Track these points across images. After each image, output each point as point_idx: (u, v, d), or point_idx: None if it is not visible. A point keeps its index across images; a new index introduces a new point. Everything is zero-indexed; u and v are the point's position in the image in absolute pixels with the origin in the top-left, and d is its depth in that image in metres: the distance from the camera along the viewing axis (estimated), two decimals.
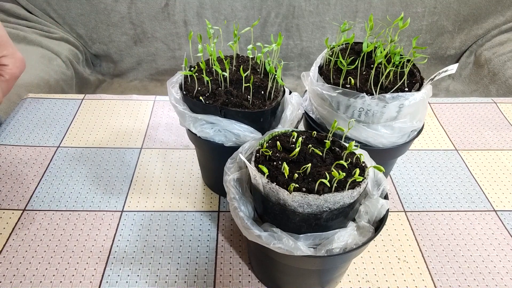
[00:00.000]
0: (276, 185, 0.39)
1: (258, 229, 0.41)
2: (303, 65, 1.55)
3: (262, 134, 0.52)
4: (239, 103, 0.49)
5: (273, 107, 0.51)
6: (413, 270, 0.53)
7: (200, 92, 0.51)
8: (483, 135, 0.76)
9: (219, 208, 0.61)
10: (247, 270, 0.53)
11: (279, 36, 0.51)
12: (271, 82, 0.51)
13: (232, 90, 0.51)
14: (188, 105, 0.52)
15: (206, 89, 0.51)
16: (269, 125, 0.53)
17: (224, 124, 0.50)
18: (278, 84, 0.53)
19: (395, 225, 0.59)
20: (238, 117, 0.50)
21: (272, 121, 0.53)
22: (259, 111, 0.50)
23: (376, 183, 0.46)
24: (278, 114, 0.54)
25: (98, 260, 0.53)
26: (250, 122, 0.50)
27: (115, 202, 0.61)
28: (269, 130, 0.52)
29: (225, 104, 0.49)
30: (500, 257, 0.55)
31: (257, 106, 0.50)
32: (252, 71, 0.55)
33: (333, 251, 0.40)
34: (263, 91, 0.52)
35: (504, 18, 1.46)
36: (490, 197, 0.64)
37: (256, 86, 0.52)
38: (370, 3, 1.43)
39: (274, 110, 0.52)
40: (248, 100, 0.50)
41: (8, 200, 0.61)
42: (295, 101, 0.56)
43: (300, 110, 0.56)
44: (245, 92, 0.51)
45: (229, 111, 0.49)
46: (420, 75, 0.54)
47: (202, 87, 0.51)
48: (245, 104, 0.49)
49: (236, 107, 0.49)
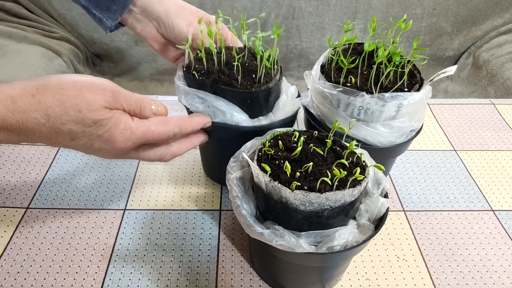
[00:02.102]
0: (278, 183, 0.39)
1: (261, 226, 0.42)
2: (303, 66, 1.56)
3: (250, 116, 0.53)
4: (228, 82, 0.51)
5: (261, 90, 0.51)
6: (412, 268, 0.54)
7: (197, 69, 0.53)
8: (481, 135, 0.77)
9: (220, 206, 0.62)
10: (248, 267, 0.53)
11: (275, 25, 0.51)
12: (261, 66, 0.52)
13: (225, 70, 0.52)
14: (186, 81, 0.54)
15: (203, 68, 0.53)
16: (260, 109, 0.54)
17: (212, 100, 0.51)
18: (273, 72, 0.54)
19: (395, 224, 0.60)
20: (226, 95, 0.51)
21: (263, 106, 0.54)
22: (246, 91, 0.51)
23: (376, 182, 0.46)
24: (270, 101, 0.55)
25: (101, 257, 0.54)
26: (238, 102, 0.52)
27: (118, 200, 0.62)
28: (259, 115, 0.54)
29: (215, 81, 0.51)
30: (498, 256, 0.56)
31: (245, 87, 0.51)
32: (251, 58, 0.56)
33: (334, 248, 0.41)
34: (254, 75, 0.53)
35: (502, 20, 1.47)
36: (488, 197, 0.64)
37: (249, 70, 0.53)
38: (370, 5, 1.43)
39: (265, 96, 0.53)
40: (238, 80, 0.51)
41: (11, 198, 0.61)
42: (290, 93, 0.57)
43: (297, 103, 0.57)
44: (236, 73, 0.52)
45: (218, 88, 0.51)
46: (420, 76, 0.54)
47: (200, 66, 0.53)
48: (234, 84, 0.51)
49: (225, 85, 0.51)
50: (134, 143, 0.44)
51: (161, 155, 0.48)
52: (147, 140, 0.45)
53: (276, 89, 0.54)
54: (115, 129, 0.42)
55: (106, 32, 0.60)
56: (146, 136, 0.44)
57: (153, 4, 0.57)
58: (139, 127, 0.43)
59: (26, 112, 0.38)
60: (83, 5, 0.57)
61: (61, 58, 1.32)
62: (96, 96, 0.40)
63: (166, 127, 0.46)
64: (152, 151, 0.48)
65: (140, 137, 0.44)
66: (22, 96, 0.38)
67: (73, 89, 0.40)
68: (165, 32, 0.59)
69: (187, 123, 0.49)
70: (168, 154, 0.49)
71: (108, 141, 0.42)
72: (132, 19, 0.59)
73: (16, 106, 0.37)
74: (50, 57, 1.29)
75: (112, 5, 0.57)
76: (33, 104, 0.38)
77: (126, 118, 0.43)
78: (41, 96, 0.38)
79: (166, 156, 0.49)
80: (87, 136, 0.41)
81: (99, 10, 0.57)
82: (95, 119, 0.40)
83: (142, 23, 0.60)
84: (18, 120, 0.38)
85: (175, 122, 0.47)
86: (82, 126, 0.40)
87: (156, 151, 0.48)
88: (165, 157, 0.49)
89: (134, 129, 0.43)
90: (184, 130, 0.48)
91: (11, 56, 1.24)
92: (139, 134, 0.44)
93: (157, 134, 0.45)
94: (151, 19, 0.59)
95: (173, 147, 0.49)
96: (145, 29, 0.60)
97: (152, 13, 0.58)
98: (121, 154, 0.45)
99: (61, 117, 0.39)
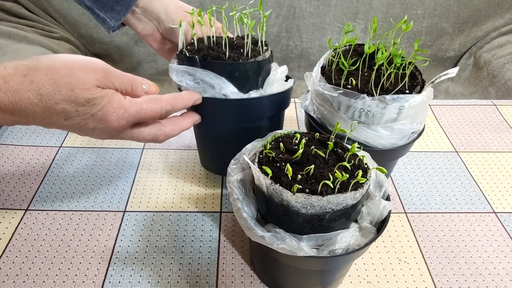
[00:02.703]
0: (280, 186, 0.39)
1: (262, 229, 0.41)
2: (303, 66, 1.56)
3: (241, 91, 0.53)
4: (216, 56, 0.52)
5: (248, 63, 0.52)
6: (414, 271, 0.53)
7: (188, 49, 0.54)
8: (483, 137, 0.77)
9: (221, 208, 0.61)
10: (249, 270, 0.53)
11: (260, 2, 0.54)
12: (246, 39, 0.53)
13: (214, 47, 0.54)
14: (179, 62, 0.55)
15: (194, 48, 0.54)
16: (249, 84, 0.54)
17: (201, 74, 0.52)
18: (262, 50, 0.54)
19: (396, 226, 0.60)
20: (214, 68, 0.52)
21: (252, 81, 0.54)
22: (233, 63, 0.51)
23: (378, 185, 0.46)
24: (260, 77, 0.55)
25: (101, 260, 0.53)
26: (226, 75, 0.52)
27: (118, 202, 0.62)
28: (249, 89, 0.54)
29: (204, 57, 0.52)
30: (500, 259, 0.55)
31: (232, 59, 0.52)
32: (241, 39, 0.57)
33: (336, 252, 0.41)
34: (242, 50, 0.54)
35: (503, 21, 1.47)
36: (490, 199, 0.64)
37: (238, 47, 0.54)
38: (370, 5, 1.43)
39: (254, 69, 0.53)
40: (225, 54, 0.52)
41: (10, 200, 0.61)
42: (280, 70, 0.58)
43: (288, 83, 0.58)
44: (225, 48, 0.53)
45: (207, 63, 0.52)
46: (421, 78, 0.54)
47: (191, 46, 0.55)
48: (222, 57, 0.52)
49: (213, 59, 0.52)
50: (128, 122, 0.44)
51: (155, 135, 0.48)
52: (140, 119, 0.45)
53: (264, 64, 0.55)
54: (109, 108, 0.42)
55: (109, 32, 0.60)
56: (139, 114, 0.44)
57: (153, 4, 0.58)
58: (132, 105, 0.44)
59: (19, 92, 0.38)
60: (87, 5, 0.58)
61: None
62: (88, 75, 0.40)
63: (158, 105, 0.46)
64: (146, 130, 0.48)
65: (134, 115, 0.44)
66: (14, 76, 0.38)
67: (64, 68, 0.40)
68: (164, 32, 0.60)
69: (178, 100, 0.49)
70: (161, 134, 0.49)
71: (102, 120, 0.42)
72: (134, 19, 0.60)
73: (8, 86, 0.37)
74: None
75: (116, 5, 0.57)
76: (25, 83, 0.38)
77: (119, 96, 0.43)
78: (33, 76, 0.38)
79: (160, 136, 0.49)
80: (81, 115, 0.41)
81: (103, 10, 0.58)
82: (88, 98, 0.40)
83: (143, 22, 0.60)
84: (11, 100, 0.37)
85: (167, 100, 0.47)
86: (76, 105, 0.40)
87: (150, 130, 0.48)
88: (159, 137, 0.49)
89: (127, 107, 0.43)
90: (176, 107, 0.49)
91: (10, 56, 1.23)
92: (132, 112, 0.44)
93: (149, 112, 0.45)
94: (152, 19, 0.60)
95: (167, 128, 0.49)
96: (146, 28, 0.61)
97: (152, 12, 0.59)
98: (115, 133, 0.45)
99: (54, 96, 0.39)
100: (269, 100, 0.55)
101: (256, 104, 0.54)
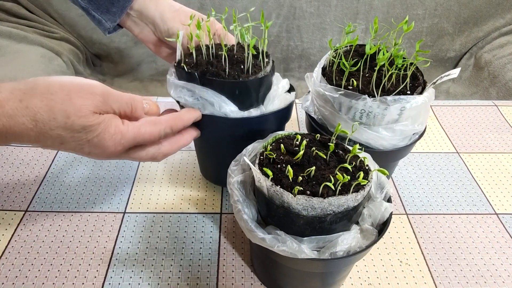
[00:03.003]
0: (281, 188, 0.39)
1: (262, 231, 0.41)
2: (304, 66, 1.55)
3: (240, 109, 0.52)
4: (216, 73, 0.50)
5: (249, 81, 0.51)
6: (415, 273, 0.53)
7: (187, 63, 0.52)
8: (484, 138, 0.76)
9: (221, 210, 0.61)
10: (249, 272, 0.53)
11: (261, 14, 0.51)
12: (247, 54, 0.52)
13: (214, 62, 0.52)
14: (177, 75, 0.53)
15: (192, 61, 0.53)
16: (250, 101, 0.53)
17: (200, 92, 0.51)
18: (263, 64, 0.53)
19: (397, 227, 0.59)
20: (214, 85, 0.51)
21: (253, 98, 0.53)
22: (233, 81, 0.50)
23: (379, 186, 0.46)
24: (261, 93, 0.54)
25: (101, 261, 0.53)
26: (226, 93, 0.51)
27: (117, 203, 0.61)
28: (250, 107, 0.53)
29: (203, 73, 0.50)
30: (502, 261, 0.55)
31: (232, 77, 0.50)
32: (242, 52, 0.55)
33: (337, 254, 0.40)
34: (243, 66, 0.52)
35: (504, 21, 1.47)
36: (491, 200, 0.64)
37: (239, 62, 0.53)
38: (371, 5, 1.43)
39: (255, 86, 0.52)
40: (225, 71, 0.51)
41: (10, 201, 0.61)
42: (281, 85, 0.56)
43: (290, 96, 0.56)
44: (224, 64, 0.52)
45: (206, 79, 0.50)
46: (423, 79, 0.54)
47: (190, 59, 0.53)
48: (221, 74, 0.50)
49: (213, 76, 0.50)
50: (124, 147, 0.44)
51: (153, 155, 0.48)
52: (137, 142, 0.45)
53: (266, 80, 0.53)
54: (105, 134, 0.41)
55: (105, 33, 0.60)
56: (136, 139, 0.44)
57: (148, 8, 0.57)
58: (129, 131, 0.43)
59: (14, 117, 0.37)
60: (82, 6, 0.57)
61: (61, 59, 1.31)
62: (85, 101, 0.39)
63: (156, 128, 0.45)
64: (144, 152, 0.47)
65: (131, 140, 0.43)
66: (9, 101, 0.37)
67: (60, 93, 0.39)
68: (161, 36, 0.59)
69: (178, 121, 0.48)
70: (159, 154, 0.48)
71: (98, 146, 0.42)
72: (130, 22, 0.59)
73: (3, 111, 0.37)
74: (50, 57, 1.28)
75: (112, 7, 0.57)
76: (20, 109, 0.37)
77: (116, 121, 0.42)
78: (29, 101, 0.38)
79: (158, 156, 0.48)
80: (76, 141, 0.40)
81: (99, 12, 0.57)
82: (84, 125, 0.39)
83: (139, 26, 0.59)
84: (5, 124, 0.37)
85: (166, 122, 0.47)
86: (71, 132, 0.39)
87: (147, 151, 0.47)
88: (157, 157, 0.48)
89: (124, 133, 0.42)
90: (175, 129, 0.48)
91: (11, 56, 1.23)
92: (129, 138, 0.43)
93: (147, 135, 0.45)
94: (147, 23, 0.59)
95: (165, 147, 0.49)
96: (142, 32, 0.60)
97: (148, 17, 0.58)
98: (112, 156, 0.45)
99: (49, 123, 0.38)
100: (270, 117, 0.53)
101: (257, 122, 0.53)
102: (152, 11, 0.57)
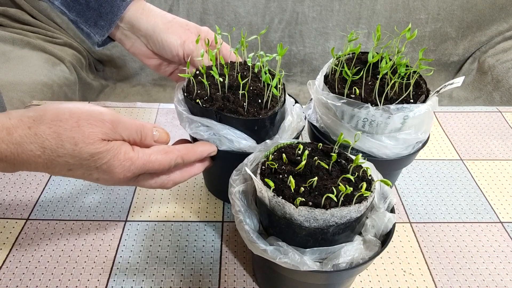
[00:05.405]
0: (282, 199, 0.38)
1: (264, 243, 0.41)
2: (306, 71, 1.55)
3: (257, 141, 0.51)
4: (234, 109, 0.49)
5: (268, 116, 0.50)
6: (419, 283, 0.53)
7: (199, 95, 0.51)
8: (488, 144, 0.76)
9: (223, 218, 0.61)
10: (251, 282, 0.52)
11: (280, 46, 0.50)
12: (267, 91, 0.51)
13: (230, 96, 0.51)
14: (188, 106, 0.52)
15: (206, 93, 0.51)
16: (266, 133, 0.53)
17: (218, 129, 0.50)
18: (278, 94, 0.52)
19: (401, 236, 0.59)
20: (232, 123, 0.50)
21: (269, 130, 0.53)
22: (253, 119, 0.49)
23: (382, 196, 0.45)
24: (276, 123, 0.53)
25: (102, 271, 0.53)
26: (245, 129, 0.50)
27: (119, 211, 0.61)
28: (266, 139, 0.52)
29: (220, 109, 0.49)
30: (507, 270, 0.54)
31: (252, 114, 0.49)
32: (254, 79, 0.54)
33: (340, 266, 0.40)
34: (260, 100, 0.51)
35: (507, 25, 1.46)
36: (496, 208, 0.63)
37: (254, 94, 0.51)
38: (373, 10, 1.43)
39: (272, 120, 0.51)
40: (244, 107, 0.50)
41: (11, 209, 0.61)
42: (295, 113, 0.55)
43: (302, 122, 0.56)
44: (242, 99, 0.51)
45: (224, 116, 0.49)
46: (426, 87, 0.53)
47: (202, 91, 0.52)
48: (240, 111, 0.49)
49: (231, 113, 0.49)
50: (134, 174, 0.43)
51: (162, 183, 0.47)
52: (147, 170, 0.44)
53: (282, 111, 0.53)
54: (114, 161, 0.41)
55: (94, 47, 0.58)
56: (146, 167, 0.43)
57: (140, 20, 0.55)
58: (139, 158, 0.42)
59: (22, 144, 0.37)
60: (71, 19, 0.56)
61: (64, 64, 1.31)
62: (93, 129, 0.39)
63: (167, 157, 0.44)
64: (153, 180, 0.46)
65: (140, 168, 0.43)
66: (18, 128, 0.37)
67: (70, 121, 0.39)
68: (154, 48, 0.57)
69: (191, 153, 0.47)
70: (169, 182, 0.47)
71: (107, 172, 0.41)
72: (121, 34, 0.58)
73: (12, 138, 0.37)
74: (53, 62, 1.29)
75: (100, 20, 0.55)
76: (29, 136, 0.37)
77: (126, 148, 0.42)
78: (37, 128, 0.37)
79: (167, 184, 0.47)
80: (84, 167, 0.40)
81: (87, 25, 0.56)
82: (92, 153, 0.39)
83: (130, 39, 0.58)
84: (13, 151, 0.37)
85: (178, 152, 0.45)
86: (79, 159, 0.39)
87: (156, 180, 0.47)
88: (166, 185, 0.47)
89: (134, 160, 0.42)
90: (187, 161, 0.47)
91: (14, 62, 1.24)
92: (139, 165, 0.42)
93: (157, 164, 0.44)
94: (139, 36, 0.57)
95: (175, 175, 0.48)
96: (134, 45, 0.58)
97: (139, 29, 0.56)
98: (121, 183, 0.44)
99: (57, 150, 0.38)
100: None
101: None
102: (144, 23, 0.55)
